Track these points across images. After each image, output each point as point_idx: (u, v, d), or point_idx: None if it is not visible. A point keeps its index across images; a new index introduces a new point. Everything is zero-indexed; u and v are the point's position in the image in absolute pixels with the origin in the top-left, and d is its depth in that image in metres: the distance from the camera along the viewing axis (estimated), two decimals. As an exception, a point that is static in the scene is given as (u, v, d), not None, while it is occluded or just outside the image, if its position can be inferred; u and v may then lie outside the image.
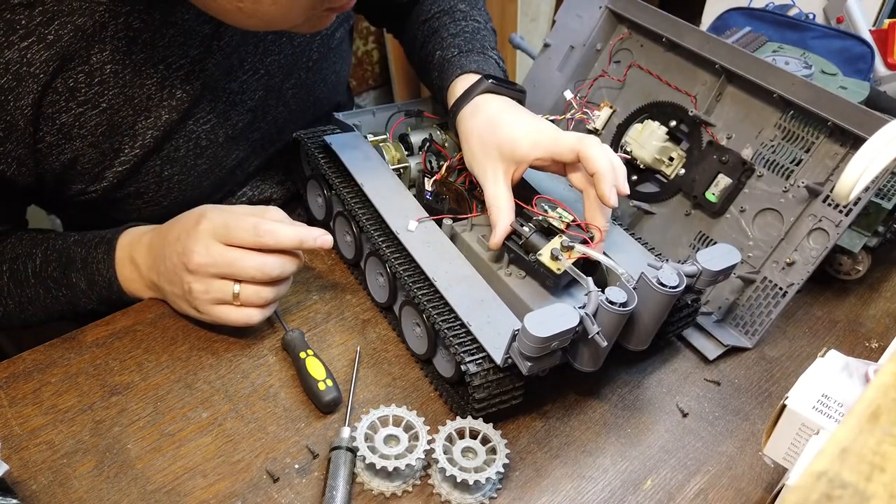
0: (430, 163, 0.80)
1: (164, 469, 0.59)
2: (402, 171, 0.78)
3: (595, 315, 0.55)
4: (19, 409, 0.62)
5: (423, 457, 0.57)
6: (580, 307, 0.55)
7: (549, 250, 0.63)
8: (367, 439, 0.57)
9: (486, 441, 0.59)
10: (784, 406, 0.53)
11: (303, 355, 0.65)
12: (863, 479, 0.29)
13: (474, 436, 0.59)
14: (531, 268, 0.64)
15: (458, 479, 0.55)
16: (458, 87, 0.75)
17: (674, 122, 0.77)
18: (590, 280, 0.59)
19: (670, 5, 0.95)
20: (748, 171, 0.72)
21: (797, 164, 0.69)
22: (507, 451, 0.58)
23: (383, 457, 0.56)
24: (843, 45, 0.91)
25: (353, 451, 0.58)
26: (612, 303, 0.55)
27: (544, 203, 0.68)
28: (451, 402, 0.64)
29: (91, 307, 0.73)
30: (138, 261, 0.70)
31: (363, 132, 0.81)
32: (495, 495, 0.58)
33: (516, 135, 0.67)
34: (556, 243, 0.63)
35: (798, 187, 0.68)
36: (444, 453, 0.57)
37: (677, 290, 0.56)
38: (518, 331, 0.54)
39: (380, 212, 0.70)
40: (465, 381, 0.57)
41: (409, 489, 0.58)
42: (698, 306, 0.69)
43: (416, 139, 0.82)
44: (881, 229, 0.75)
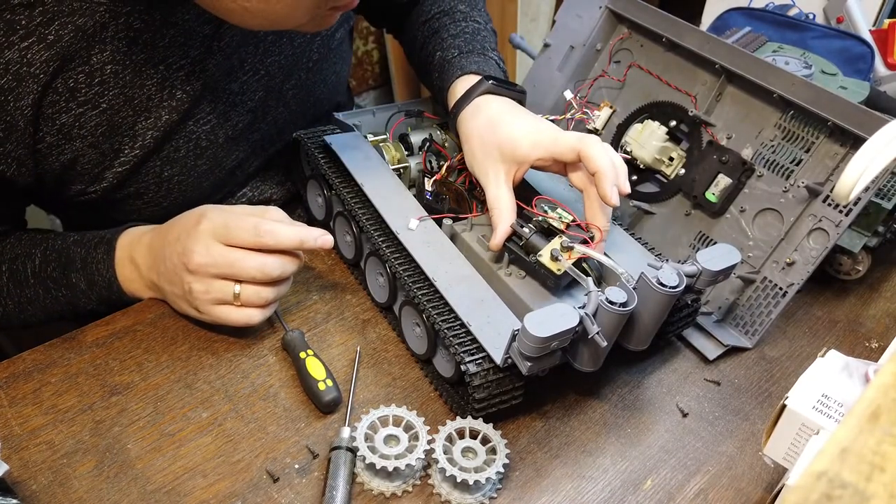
0: (430, 163, 0.79)
1: (164, 469, 0.59)
2: (402, 171, 0.78)
3: (595, 315, 0.55)
4: (19, 409, 0.62)
5: (423, 457, 0.57)
6: (580, 307, 0.55)
7: (549, 251, 0.63)
8: (367, 439, 0.57)
9: (486, 441, 0.59)
10: (784, 406, 0.53)
11: (303, 355, 0.65)
12: (863, 479, 0.29)
13: (474, 436, 0.59)
14: (531, 268, 0.64)
15: (458, 479, 0.55)
16: (458, 88, 0.75)
17: (674, 122, 0.77)
18: (590, 280, 0.59)
19: (670, 5, 0.95)
20: (748, 171, 0.72)
21: (797, 164, 0.69)
22: (507, 451, 0.58)
23: (383, 457, 0.56)
24: (843, 45, 0.91)
25: (353, 451, 0.58)
26: (612, 303, 0.55)
27: (544, 203, 0.68)
28: (451, 402, 0.64)
29: (91, 307, 0.73)
30: (138, 261, 0.70)
31: (363, 132, 0.81)
32: (495, 495, 0.58)
33: (517, 135, 0.67)
34: (556, 244, 0.63)
35: (798, 187, 0.68)
36: (444, 453, 0.57)
37: (677, 290, 0.56)
38: (518, 331, 0.54)
39: (380, 212, 0.70)
40: (465, 381, 0.57)
41: (409, 489, 0.58)
42: (698, 306, 0.69)
43: (416, 139, 0.82)
44: (881, 229, 0.75)
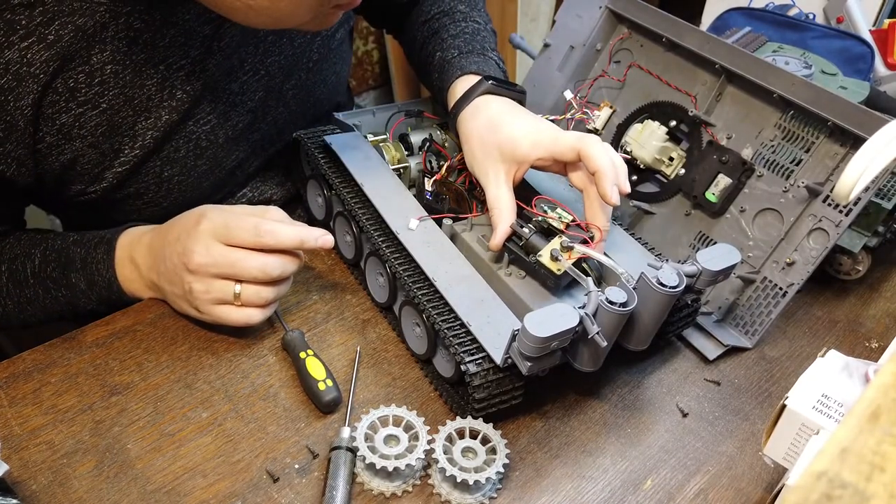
0: (430, 163, 0.79)
1: (164, 469, 0.59)
2: (402, 171, 0.78)
3: (595, 315, 0.55)
4: (19, 409, 0.62)
5: (423, 457, 0.57)
6: (580, 307, 0.55)
7: (549, 251, 0.63)
8: (367, 439, 0.57)
9: (486, 441, 0.59)
10: (784, 406, 0.53)
11: (303, 355, 0.65)
12: (863, 479, 0.29)
13: (474, 436, 0.59)
14: (531, 268, 0.64)
15: (458, 479, 0.55)
16: (458, 88, 0.75)
17: (674, 122, 0.77)
18: (590, 280, 0.59)
19: (670, 5, 0.95)
20: (748, 171, 0.72)
21: (797, 164, 0.69)
22: (507, 451, 0.58)
23: (383, 457, 0.56)
24: (843, 45, 0.91)
25: (353, 451, 0.58)
26: (612, 303, 0.55)
27: (544, 203, 0.68)
28: (451, 402, 0.64)
29: (91, 307, 0.73)
30: (138, 261, 0.70)
31: (363, 132, 0.81)
32: (495, 495, 0.58)
33: (517, 135, 0.67)
34: (555, 244, 0.63)
35: (798, 187, 0.68)
36: (444, 453, 0.57)
37: (677, 290, 0.56)
38: (518, 331, 0.54)
39: (380, 212, 0.70)
40: (465, 381, 0.57)
41: (409, 489, 0.58)
42: (698, 306, 0.69)
43: (416, 139, 0.82)
44: (881, 229, 0.75)
